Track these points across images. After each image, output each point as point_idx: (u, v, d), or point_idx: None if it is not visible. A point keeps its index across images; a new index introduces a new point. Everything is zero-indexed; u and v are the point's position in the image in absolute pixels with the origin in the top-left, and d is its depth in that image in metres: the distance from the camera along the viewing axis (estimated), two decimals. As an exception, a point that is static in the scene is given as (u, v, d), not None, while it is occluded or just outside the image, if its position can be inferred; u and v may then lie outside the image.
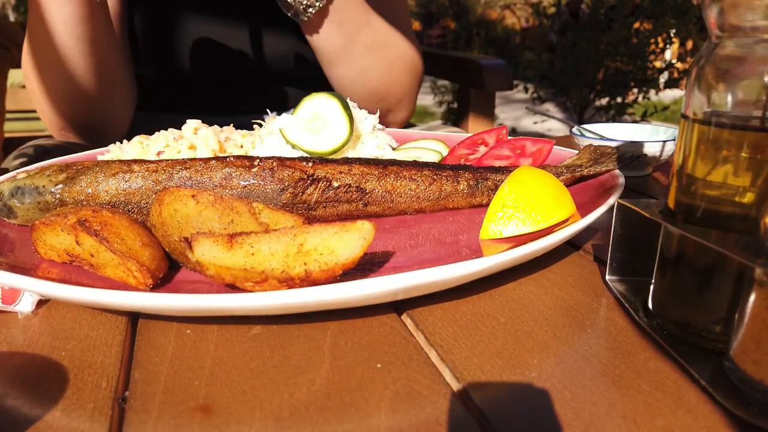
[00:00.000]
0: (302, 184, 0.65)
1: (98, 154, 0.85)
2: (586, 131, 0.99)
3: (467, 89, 1.74)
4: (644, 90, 5.07)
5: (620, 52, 4.93)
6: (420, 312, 0.50)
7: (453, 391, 0.40)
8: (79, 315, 0.50)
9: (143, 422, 0.37)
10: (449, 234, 0.63)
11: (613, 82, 5.06)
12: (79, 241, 0.51)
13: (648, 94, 5.10)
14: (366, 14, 1.10)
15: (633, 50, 4.92)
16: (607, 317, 0.49)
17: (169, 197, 0.54)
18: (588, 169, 0.72)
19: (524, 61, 6.26)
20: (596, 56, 4.98)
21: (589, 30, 5.00)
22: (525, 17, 8.31)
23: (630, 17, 4.90)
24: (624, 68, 5.00)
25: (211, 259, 0.47)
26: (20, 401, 0.39)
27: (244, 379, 0.41)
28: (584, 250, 0.63)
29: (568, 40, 5.21)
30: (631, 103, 5.15)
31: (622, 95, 5.12)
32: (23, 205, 0.61)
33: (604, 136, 0.98)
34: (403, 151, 0.89)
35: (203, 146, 0.79)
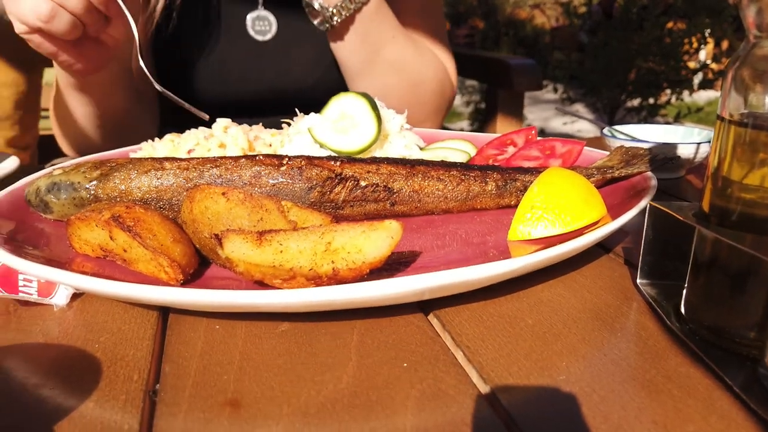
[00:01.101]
0: (330, 183, 0.65)
1: (131, 152, 0.86)
2: (618, 132, 0.98)
3: (495, 89, 1.73)
4: (677, 91, 4.97)
5: (653, 52, 4.84)
6: (447, 312, 0.50)
7: (480, 392, 0.40)
8: (112, 309, 0.51)
9: (173, 415, 0.38)
10: (476, 234, 0.63)
11: (645, 82, 4.97)
12: (112, 236, 0.52)
13: (681, 95, 5.00)
14: (392, 30, 1.11)
15: (666, 50, 4.82)
16: (637, 321, 0.49)
17: (200, 194, 0.55)
18: (619, 170, 0.71)
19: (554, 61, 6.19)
20: (628, 56, 4.89)
21: (620, 29, 4.92)
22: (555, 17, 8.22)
23: (663, 16, 4.81)
24: (656, 68, 4.90)
25: (240, 256, 0.47)
26: (56, 391, 0.40)
27: (271, 375, 0.42)
28: (615, 252, 0.62)
29: (599, 40, 5.13)
30: (664, 104, 5.05)
31: (654, 96, 5.03)
32: (59, 200, 0.62)
33: (635, 138, 0.96)
34: (430, 150, 0.88)
35: (233, 145, 0.80)
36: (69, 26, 0.80)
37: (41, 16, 0.77)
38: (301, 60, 1.23)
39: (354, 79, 1.15)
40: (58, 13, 0.78)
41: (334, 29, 1.05)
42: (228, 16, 1.18)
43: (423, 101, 1.20)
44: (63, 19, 0.79)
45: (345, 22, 1.04)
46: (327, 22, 1.03)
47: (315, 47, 1.22)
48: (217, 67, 1.17)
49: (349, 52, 1.09)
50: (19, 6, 0.79)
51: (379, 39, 1.09)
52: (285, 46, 1.21)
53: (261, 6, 1.19)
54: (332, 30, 1.05)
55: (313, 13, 1.03)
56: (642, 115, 5.06)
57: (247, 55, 1.19)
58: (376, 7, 1.05)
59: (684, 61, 4.92)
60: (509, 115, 1.71)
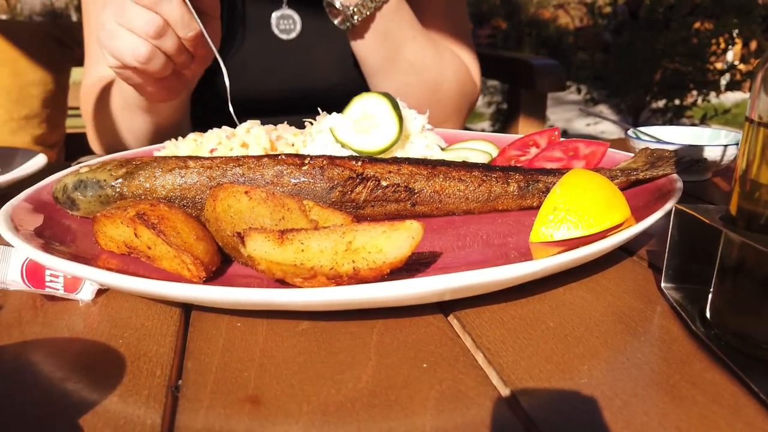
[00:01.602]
0: (351, 182, 0.65)
1: (154, 150, 0.87)
2: (642, 134, 0.96)
3: (518, 90, 1.71)
4: (704, 92, 4.89)
5: (679, 53, 4.77)
6: (467, 314, 0.50)
7: (500, 394, 0.40)
8: (136, 305, 0.52)
9: (195, 411, 0.38)
10: (498, 236, 0.63)
11: (671, 83, 4.89)
12: (137, 233, 0.53)
13: (708, 97, 4.92)
14: (413, 30, 1.11)
15: (692, 51, 4.75)
16: (661, 325, 0.48)
17: (223, 193, 0.55)
18: (644, 172, 0.70)
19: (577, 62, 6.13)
20: (653, 57, 4.83)
21: (645, 29, 4.85)
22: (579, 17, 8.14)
23: (690, 16, 4.73)
24: (682, 69, 4.83)
25: (262, 254, 0.48)
26: (80, 385, 0.41)
27: (291, 373, 0.42)
28: (638, 255, 0.62)
29: (623, 40, 5.07)
30: (690, 106, 4.97)
31: (680, 97, 4.95)
32: (85, 198, 0.63)
33: (661, 139, 0.95)
34: (452, 151, 0.88)
35: (255, 144, 0.81)
36: (162, 66, 0.83)
37: (140, 57, 0.80)
38: (324, 59, 1.23)
39: (374, 78, 1.15)
40: (156, 57, 0.81)
41: (355, 28, 1.05)
42: (253, 15, 1.19)
43: (443, 101, 1.20)
44: (159, 60, 0.82)
45: (365, 21, 1.04)
46: (348, 21, 1.03)
47: (339, 46, 1.22)
48: (241, 65, 1.18)
49: (369, 51, 1.10)
50: (117, 44, 0.81)
51: (399, 38, 1.09)
52: (309, 44, 1.22)
53: (285, 5, 1.20)
54: (353, 29, 1.05)
55: (334, 12, 1.03)
56: (667, 117, 4.98)
57: (271, 53, 1.20)
58: (396, 6, 1.05)
59: (711, 61, 4.84)
60: (531, 115, 1.69)
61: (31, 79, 1.80)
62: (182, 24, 0.80)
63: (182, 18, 0.80)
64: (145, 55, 0.81)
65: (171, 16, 0.79)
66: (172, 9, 0.79)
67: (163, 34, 0.80)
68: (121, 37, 0.81)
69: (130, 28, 0.80)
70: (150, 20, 0.79)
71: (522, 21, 8.12)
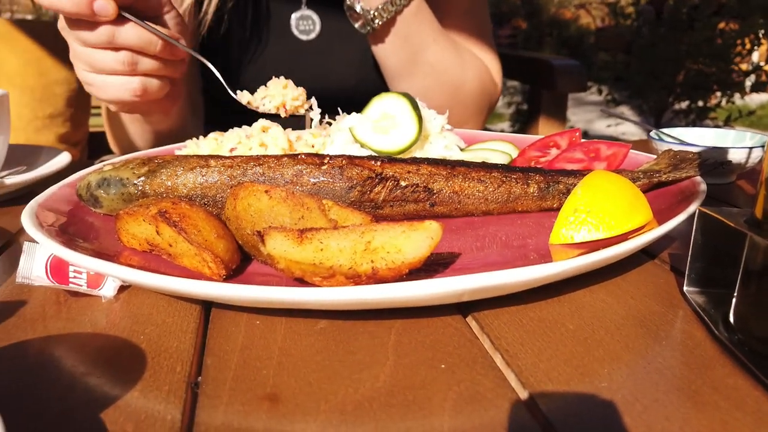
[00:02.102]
0: (370, 182, 0.65)
1: (176, 149, 0.88)
2: (665, 135, 0.95)
3: (538, 90, 1.70)
4: (728, 93, 4.81)
5: (703, 53, 4.69)
6: (485, 315, 0.49)
7: (518, 396, 0.40)
8: (157, 301, 0.53)
9: (214, 407, 0.39)
10: (517, 237, 0.62)
11: (694, 84, 4.82)
12: (159, 231, 0.54)
13: (732, 98, 4.84)
14: (434, 33, 1.10)
15: (716, 51, 4.67)
16: (683, 330, 0.47)
17: (243, 192, 0.56)
18: (667, 174, 0.70)
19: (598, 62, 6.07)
20: (676, 57, 4.76)
21: (668, 29, 4.79)
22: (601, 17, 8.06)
23: (714, 17, 4.66)
24: (706, 70, 4.75)
25: (281, 253, 0.48)
26: (102, 380, 0.42)
27: (309, 372, 0.42)
28: (660, 259, 0.61)
29: (645, 41, 5.01)
30: (714, 107, 4.89)
31: (703, 99, 4.88)
32: (108, 195, 0.64)
33: (684, 141, 0.94)
34: (471, 152, 0.88)
35: (273, 145, 0.81)
36: (159, 85, 0.84)
37: (136, 91, 0.82)
38: (344, 60, 1.23)
39: (394, 81, 1.15)
40: (149, 83, 0.82)
41: (375, 32, 1.05)
42: (273, 16, 1.20)
43: (464, 103, 1.20)
44: (152, 83, 0.83)
45: (386, 25, 1.04)
46: (368, 25, 1.03)
47: (358, 47, 1.22)
48: (262, 66, 1.18)
49: (390, 54, 1.10)
50: (110, 92, 0.83)
51: (419, 41, 1.09)
52: (328, 45, 1.22)
53: (305, 6, 1.20)
54: (373, 32, 1.05)
55: (355, 16, 1.03)
56: (690, 118, 4.91)
57: (291, 54, 1.21)
58: (416, 9, 1.05)
59: (736, 62, 4.76)
60: (552, 116, 1.68)
61: (56, 79, 1.83)
62: (145, 43, 0.79)
63: (140, 38, 0.79)
64: (139, 87, 0.82)
65: (130, 42, 0.79)
66: (127, 35, 0.78)
67: (136, 61, 0.80)
68: (108, 84, 0.82)
69: (109, 72, 0.81)
70: (118, 57, 0.79)
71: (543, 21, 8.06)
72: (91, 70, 0.82)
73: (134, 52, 0.80)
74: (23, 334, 0.48)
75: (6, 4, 5.85)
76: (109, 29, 0.77)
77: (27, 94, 1.77)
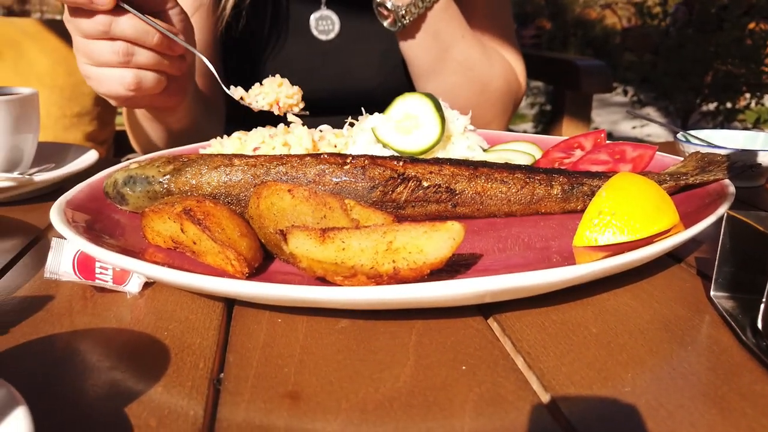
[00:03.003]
0: (392, 182, 0.65)
1: (200, 148, 0.89)
2: (693, 137, 0.94)
3: (562, 91, 1.69)
4: (758, 95, 4.71)
5: (732, 54, 4.61)
6: (507, 317, 0.49)
7: (540, 399, 0.39)
8: (181, 298, 0.53)
9: (236, 404, 0.39)
10: (540, 239, 0.62)
11: (723, 85, 4.73)
12: (183, 228, 0.54)
13: (762, 100, 4.74)
14: (462, 29, 1.10)
15: (746, 52, 4.58)
16: (709, 335, 0.46)
17: (266, 191, 0.56)
18: (694, 177, 0.68)
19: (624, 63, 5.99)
20: (704, 58, 4.68)
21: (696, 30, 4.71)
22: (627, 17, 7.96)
23: (744, 17, 4.57)
24: (735, 71, 4.66)
25: (304, 252, 0.48)
26: (126, 375, 0.42)
27: (330, 370, 0.42)
28: (687, 263, 0.60)
29: (673, 41, 4.93)
30: (743, 109, 4.80)
31: (732, 100, 4.79)
32: (134, 193, 0.65)
33: (712, 143, 0.92)
34: (494, 152, 0.87)
35: (297, 145, 0.82)
36: (155, 80, 0.84)
37: (130, 85, 0.82)
38: (364, 61, 1.24)
39: (422, 79, 1.15)
40: (143, 76, 0.82)
41: (405, 29, 1.05)
42: (292, 16, 1.20)
43: (491, 101, 1.19)
44: (148, 77, 0.83)
45: (416, 22, 1.04)
46: (398, 22, 1.03)
47: (378, 49, 1.22)
48: (281, 65, 1.19)
49: (420, 52, 1.10)
50: (105, 85, 0.83)
51: (448, 37, 1.09)
52: (348, 46, 1.23)
53: (324, 5, 1.21)
54: (403, 30, 1.05)
55: (384, 13, 1.03)
56: (718, 120, 4.82)
57: (310, 54, 1.21)
58: (445, 5, 1.05)
59: (766, 63, 4.66)
60: (576, 117, 1.66)
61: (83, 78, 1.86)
62: (141, 35, 0.80)
63: (136, 29, 0.79)
64: (133, 81, 0.82)
65: (127, 33, 0.79)
66: (123, 25, 0.78)
67: (132, 53, 0.80)
68: (104, 76, 0.82)
69: (105, 63, 0.81)
70: (113, 47, 0.80)
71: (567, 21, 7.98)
72: (90, 62, 0.82)
73: (131, 43, 0.80)
74: (51, 328, 0.49)
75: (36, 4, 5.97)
76: (107, 19, 0.77)
77: (56, 92, 1.81)
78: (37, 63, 1.80)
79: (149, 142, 1.16)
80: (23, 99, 0.85)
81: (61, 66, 1.82)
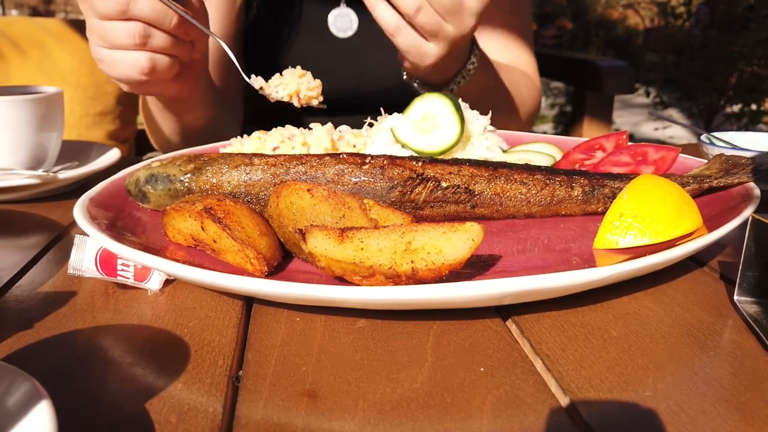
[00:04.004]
0: (411, 183, 0.65)
1: (221, 147, 0.90)
2: (716, 139, 0.92)
3: (583, 92, 1.67)
4: (784, 97, 4.62)
5: (757, 55, 4.52)
6: (526, 319, 0.49)
7: (558, 402, 0.39)
8: (200, 296, 0.54)
9: (254, 401, 0.39)
10: (560, 241, 0.61)
11: (748, 87, 4.65)
12: (204, 227, 0.55)
13: (788, 102, 4.65)
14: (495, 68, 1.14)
15: (773, 53, 4.50)
16: (732, 340, 0.46)
17: (286, 190, 0.57)
18: (718, 180, 0.67)
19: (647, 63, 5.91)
20: (729, 59, 4.60)
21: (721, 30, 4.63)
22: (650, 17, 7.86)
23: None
24: (761, 72, 4.58)
25: (322, 251, 0.48)
26: (147, 371, 0.43)
27: (348, 370, 0.43)
28: (710, 267, 0.59)
29: (697, 41, 4.85)
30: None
31: (757, 102, 4.70)
32: (156, 191, 0.66)
33: (736, 146, 0.90)
34: (514, 153, 0.87)
35: (316, 144, 0.82)
36: (169, 64, 0.84)
37: (144, 69, 0.81)
38: (382, 60, 1.24)
39: None
40: (158, 60, 0.82)
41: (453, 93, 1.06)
42: (310, 13, 1.21)
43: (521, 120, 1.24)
44: (162, 61, 0.82)
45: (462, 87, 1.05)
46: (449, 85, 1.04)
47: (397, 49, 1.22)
48: (298, 63, 1.20)
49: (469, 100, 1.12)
50: (118, 68, 0.82)
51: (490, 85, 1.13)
52: (366, 43, 1.23)
53: (343, 3, 1.21)
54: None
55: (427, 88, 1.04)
56: (743, 122, 4.74)
57: (328, 52, 1.22)
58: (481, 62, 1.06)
59: (793, 64, 4.57)
60: (597, 118, 1.65)
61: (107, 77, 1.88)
62: (159, 16, 0.78)
63: (155, 11, 0.78)
64: (147, 64, 0.81)
65: (144, 14, 0.78)
66: (142, 6, 0.77)
67: (149, 35, 0.79)
68: (118, 59, 0.82)
69: (119, 46, 0.80)
70: (130, 29, 0.79)
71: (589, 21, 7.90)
72: (104, 43, 0.82)
73: (147, 24, 0.79)
74: (73, 324, 0.49)
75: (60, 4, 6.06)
76: None
77: (80, 91, 1.83)
78: (61, 62, 1.83)
79: (165, 138, 1.17)
80: (48, 98, 0.86)
81: (84, 65, 1.84)
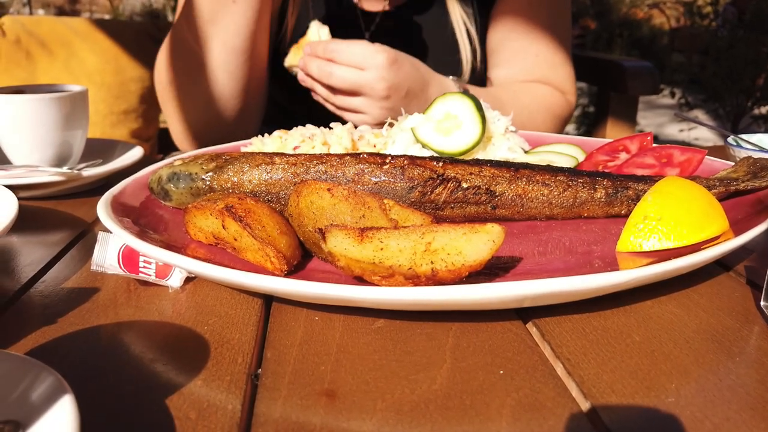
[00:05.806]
0: (431, 183, 0.65)
1: (242, 146, 0.91)
2: (743, 141, 0.90)
3: (607, 92, 1.65)
4: (813, 98, 4.52)
5: (786, 56, 4.44)
6: (547, 322, 0.48)
7: (579, 407, 0.38)
8: (221, 294, 0.54)
9: (273, 400, 0.39)
10: (582, 243, 0.61)
11: (776, 88, 4.56)
12: (225, 225, 0.55)
13: (817, 103, 4.55)
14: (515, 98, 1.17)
15: (802, 54, 4.40)
16: (759, 346, 0.45)
17: (306, 189, 0.57)
18: (745, 183, 0.66)
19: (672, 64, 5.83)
20: (757, 59, 4.51)
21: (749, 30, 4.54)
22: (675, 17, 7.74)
23: (801, 16, 4.39)
24: (790, 73, 4.49)
25: (342, 251, 0.48)
26: (168, 367, 0.43)
27: (366, 370, 0.42)
28: (736, 271, 0.58)
29: (723, 42, 4.77)
30: (797, 113, 4.62)
31: (785, 103, 4.61)
32: (178, 189, 0.67)
33: (764, 148, 0.88)
34: (535, 154, 0.86)
35: (336, 144, 0.82)
36: None
37: None
38: None
39: None
40: None
41: None
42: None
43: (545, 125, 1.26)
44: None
45: None
46: None
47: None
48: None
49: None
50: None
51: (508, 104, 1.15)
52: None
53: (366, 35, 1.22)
54: None
55: None
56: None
57: None
58: None
59: (823, 65, 4.47)
60: (621, 119, 1.63)
61: (131, 76, 1.91)
62: None
63: None
64: None
65: None
66: None
67: None
68: None
69: None
70: None
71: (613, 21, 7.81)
72: None
73: None
74: (96, 320, 0.50)
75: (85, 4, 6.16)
76: None
77: (104, 90, 1.86)
78: (86, 61, 1.86)
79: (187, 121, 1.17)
80: (74, 96, 0.87)
81: (109, 65, 1.87)
